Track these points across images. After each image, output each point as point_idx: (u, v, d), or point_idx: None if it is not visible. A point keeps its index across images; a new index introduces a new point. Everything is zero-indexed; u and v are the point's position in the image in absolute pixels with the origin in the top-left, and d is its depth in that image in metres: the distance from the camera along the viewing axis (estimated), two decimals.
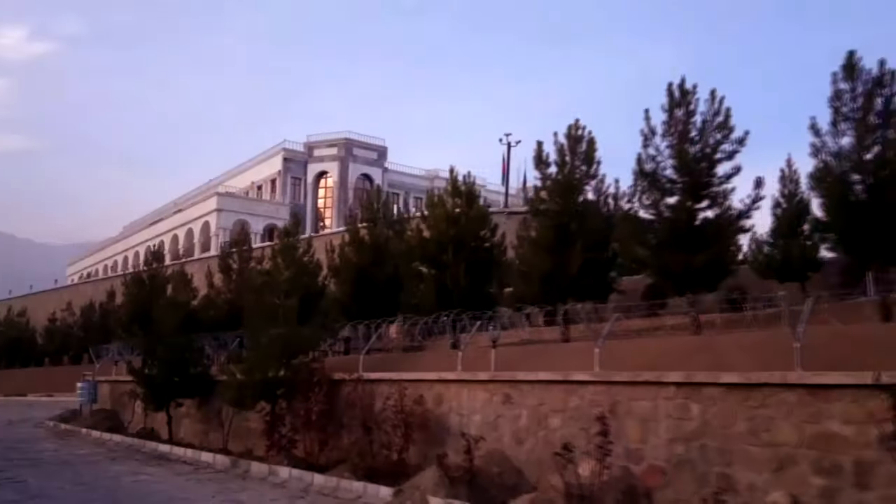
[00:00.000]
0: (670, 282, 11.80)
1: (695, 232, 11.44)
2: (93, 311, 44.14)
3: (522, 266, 13.64)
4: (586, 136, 13.23)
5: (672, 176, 11.78)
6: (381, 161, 71.85)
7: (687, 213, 11.43)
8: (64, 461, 13.99)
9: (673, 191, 11.79)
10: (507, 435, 11.02)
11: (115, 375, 21.47)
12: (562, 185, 12.92)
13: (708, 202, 11.67)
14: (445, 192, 15.52)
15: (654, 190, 11.77)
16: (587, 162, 13.11)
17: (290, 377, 13.84)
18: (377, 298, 16.56)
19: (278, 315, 14.16)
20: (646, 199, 11.82)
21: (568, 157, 13.19)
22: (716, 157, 11.59)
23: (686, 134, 11.96)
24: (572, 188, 12.93)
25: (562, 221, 12.83)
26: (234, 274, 20.92)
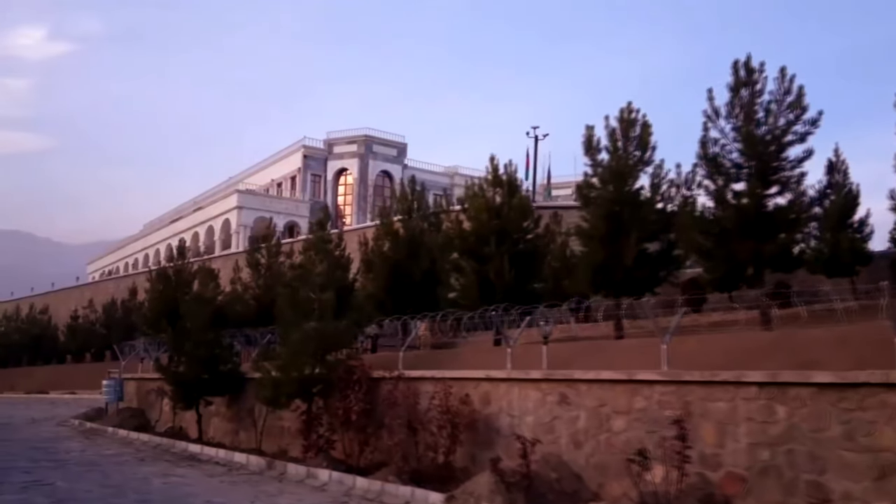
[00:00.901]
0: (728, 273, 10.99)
1: (764, 219, 10.63)
2: (115, 309, 43.91)
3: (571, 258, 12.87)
4: (640, 119, 12.44)
5: (738, 160, 10.96)
6: (400, 158, 71.28)
7: (755, 199, 10.62)
8: (91, 462, 13.43)
9: (739, 176, 10.98)
10: (564, 437, 10.28)
11: (140, 373, 20.97)
12: (614, 171, 12.14)
13: (777, 188, 10.84)
14: (486, 182, 14.80)
15: (718, 175, 10.96)
16: (641, 147, 12.32)
17: (326, 375, 13.21)
18: (413, 293, 15.88)
19: (313, 310, 13.52)
20: (709, 184, 11.02)
21: (620, 141, 12.40)
22: (786, 139, 10.76)
23: (751, 115, 11.13)
24: (626, 175, 12.15)
25: (615, 210, 12.06)
26: (262, 269, 20.30)
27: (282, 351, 13.64)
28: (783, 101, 10.81)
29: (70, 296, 62.53)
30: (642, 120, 12.45)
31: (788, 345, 9.59)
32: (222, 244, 62.12)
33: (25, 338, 50.86)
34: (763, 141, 10.73)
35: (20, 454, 14.11)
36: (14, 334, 52.51)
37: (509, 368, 11.45)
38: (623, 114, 12.59)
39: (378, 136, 70.04)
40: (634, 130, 12.46)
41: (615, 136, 12.54)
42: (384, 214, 16.69)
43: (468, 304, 13.85)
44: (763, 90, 11.09)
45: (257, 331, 17.95)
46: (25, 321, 52.98)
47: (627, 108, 12.60)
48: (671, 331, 9.63)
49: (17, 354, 51.25)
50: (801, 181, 10.54)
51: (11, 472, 12.01)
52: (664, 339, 9.52)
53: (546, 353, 11.25)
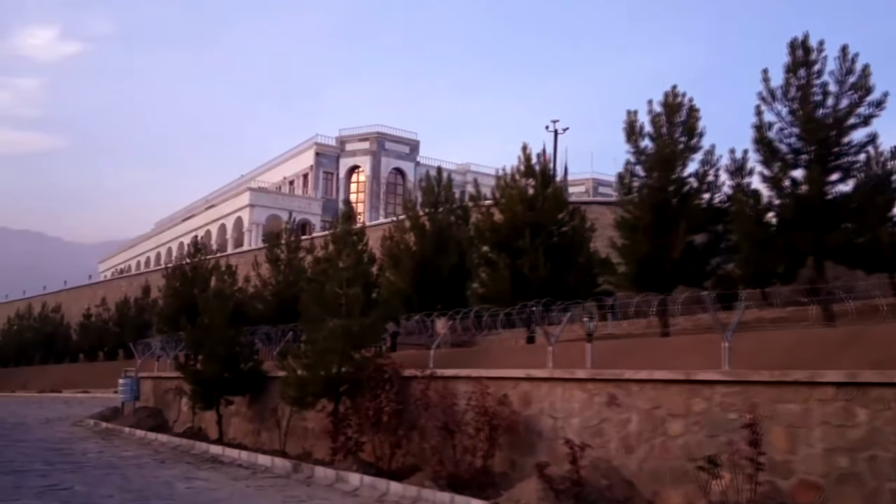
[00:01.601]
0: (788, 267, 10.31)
1: (827, 208, 9.95)
2: (128, 307, 43.48)
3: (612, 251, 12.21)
4: (686, 103, 11.76)
5: (796, 145, 10.28)
6: (413, 155, 70.78)
7: (817, 186, 9.93)
8: (109, 464, 12.88)
9: (797, 162, 10.29)
10: (614, 441, 9.63)
11: (157, 371, 20.44)
12: (660, 158, 11.46)
13: (839, 174, 10.15)
14: (517, 172, 14.15)
15: (774, 161, 10.27)
16: (688, 133, 11.65)
17: (353, 373, 12.61)
18: (440, 289, 15.27)
19: (339, 305, 12.92)
20: (765, 171, 10.33)
21: (665, 127, 11.73)
22: (848, 122, 10.06)
23: (808, 97, 10.44)
24: (672, 162, 11.47)
25: (661, 200, 11.38)
26: (281, 265, 19.73)
27: (307, 349, 13.04)
28: (845, 81, 10.12)
29: (82, 294, 62.29)
30: (688, 104, 11.77)
31: (858, 342, 8.92)
32: (235, 242, 61.74)
33: (38, 336, 50.57)
34: (824, 124, 10.04)
35: (35, 456, 13.58)
36: (27, 333, 52.24)
37: (551, 367, 10.81)
38: (668, 98, 11.92)
39: (390, 133, 69.52)
40: (680, 115, 11.78)
41: (659, 121, 11.86)
42: (409, 207, 16.05)
43: (500, 300, 13.21)
44: (822, 71, 10.38)
45: (277, 328, 17.38)
46: (38, 319, 52.69)
47: (672, 92, 11.92)
48: (733, 327, 8.96)
49: (29, 353, 50.99)
50: (869, 167, 9.81)
51: (27, 475, 11.47)
52: (725, 335, 8.85)
53: (590, 350, 10.61)
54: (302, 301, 13.44)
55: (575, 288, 13.12)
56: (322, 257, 14.27)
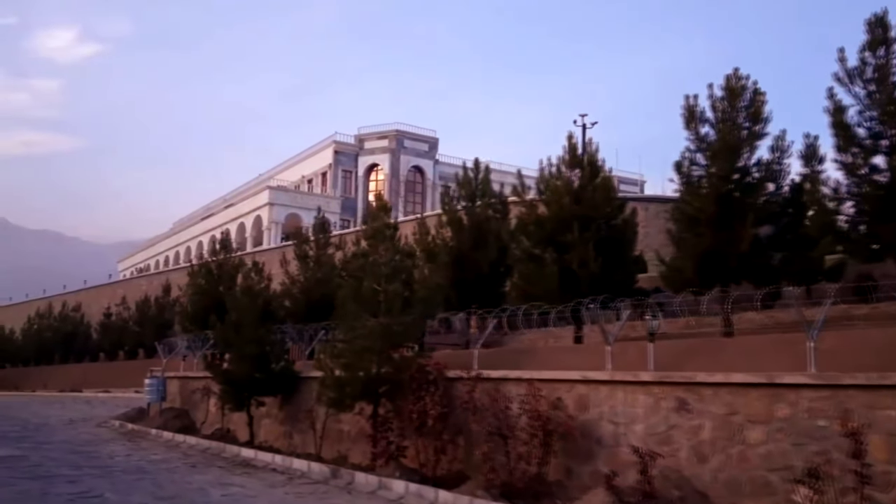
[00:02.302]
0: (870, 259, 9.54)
1: None
2: (148, 306, 43.16)
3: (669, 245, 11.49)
4: (750, 86, 11.01)
5: (876, 129, 9.52)
6: (432, 153, 70.22)
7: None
8: (139, 469, 12.33)
9: (877, 147, 9.53)
10: (684, 450, 8.92)
11: (183, 371, 19.92)
12: (724, 146, 10.73)
13: None
14: (563, 163, 13.45)
15: (851, 147, 9.52)
16: (753, 118, 10.91)
17: (393, 374, 11.98)
18: (479, 286, 14.61)
19: (378, 303, 12.29)
20: (842, 158, 9.58)
21: (728, 113, 10.98)
22: None
23: (887, 78, 9.68)
24: (737, 149, 10.74)
25: (724, 190, 10.65)
26: (310, 261, 19.15)
27: (344, 348, 12.42)
28: None
29: (102, 293, 62.21)
30: (753, 87, 11.02)
31: None
32: (254, 241, 61.41)
33: (58, 335, 50.44)
34: None
35: (62, 460, 13.07)
36: (47, 332, 52.15)
37: (610, 369, 10.12)
38: (730, 81, 11.17)
39: (409, 131, 69.00)
40: (743, 99, 11.03)
41: (721, 106, 11.11)
42: (446, 201, 15.39)
43: (546, 298, 12.52)
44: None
45: (308, 326, 16.81)
46: (58, 319, 52.59)
47: (734, 75, 11.17)
48: (819, 325, 8.23)
49: (49, 352, 50.87)
50: None
51: (55, 481, 10.94)
52: (811, 334, 8.13)
53: (652, 351, 9.91)
54: (337, 298, 12.81)
55: (625, 284, 12.42)
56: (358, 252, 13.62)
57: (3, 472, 11.60)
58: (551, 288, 12.47)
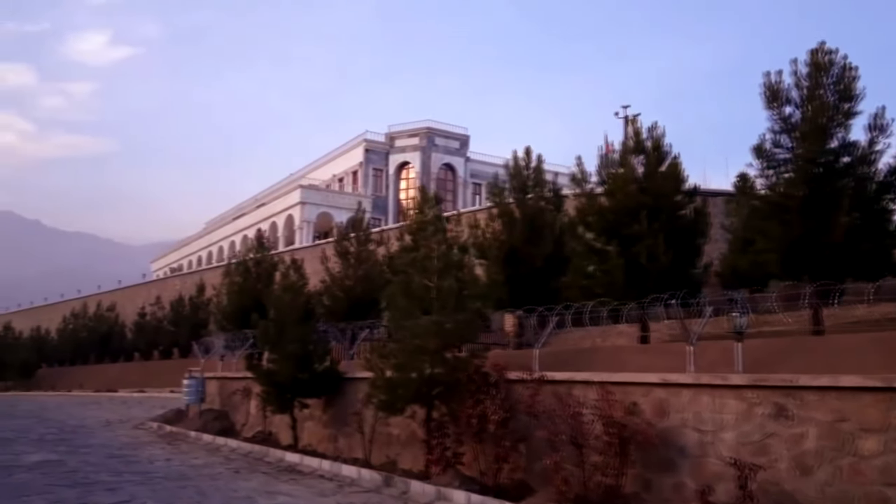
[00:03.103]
0: None
1: None
2: (182, 305, 42.98)
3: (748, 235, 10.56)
4: (838, 62, 10.02)
5: None
6: (463, 150, 69.47)
7: None
8: (181, 475, 11.70)
9: None
10: (784, 461, 7.99)
11: (221, 371, 19.36)
12: (813, 126, 9.77)
13: None
14: (626, 149, 12.55)
15: None
16: (843, 95, 9.93)
17: (447, 375, 11.20)
18: (533, 281, 13.76)
19: (431, 299, 11.52)
20: None
21: (814, 90, 10.01)
22: None
23: None
24: (825, 129, 9.77)
25: (815, 173, 9.69)
26: (351, 258, 18.47)
27: (395, 347, 11.67)
28: None
29: (137, 293, 62.46)
30: (842, 62, 10.03)
31: None
32: (286, 240, 61.16)
33: (93, 335, 50.63)
34: None
35: (100, 465, 12.51)
36: (82, 332, 52.41)
37: (693, 371, 9.23)
38: (815, 56, 10.18)
39: (440, 128, 68.29)
40: (831, 75, 10.05)
41: (807, 83, 10.13)
42: (496, 193, 14.57)
43: (612, 293, 11.65)
44: None
45: (349, 325, 16.14)
46: (93, 319, 52.81)
47: (821, 49, 10.18)
48: None
49: (85, 352, 51.09)
50: None
51: (94, 488, 10.34)
52: None
53: (741, 351, 9.00)
54: (385, 295, 12.07)
55: (699, 279, 11.51)
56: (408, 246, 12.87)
57: (40, 478, 11.06)
58: (616, 283, 11.59)
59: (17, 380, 51.14)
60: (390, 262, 17.23)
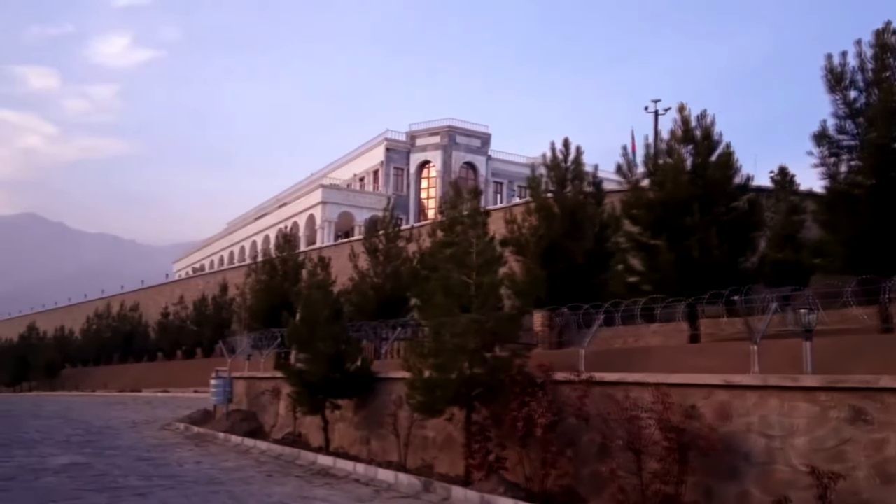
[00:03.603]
0: None
1: None
2: (205, 305, 42.86)
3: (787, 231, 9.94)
4: None
5: None
6: (484, 148, 68.96)
7: None
8: (211, 479, 11.29)
9: None
10: (863, 469, 7.39)
11: (247, 371, 18.99)
12: (883, 109, 9.14)
13: None
14: (674, 139, 11.95)
15: None
16: None
17: (487, 376, 10.69)
18: (573, 278, 13.21)
19: (470, 297, 11.03)
20: None
21: (882, 72, 9.38)
22: None
23: None
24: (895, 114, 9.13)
25: (883, 161, 9.06)
26: (380, 255, 18.02)
27: (433, 346, 11.17)
28: None
29: (160, 293, 62.60)
30: None
31: None
32: (307, 240, 60.99)
33: (117, 335, 50.75)
34: None
35: (128, 468, 12.15)
36: (106, 332, 52.56)
37: (757, 371, 8.64)
38: (881, 37, 9.54)
39: (461, 127, 67.81)
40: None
41: (873, 65, 9.50)
42: (533, 186, 14.03)
43: (661, 289, 11.07)
44: None
45: (381, 323, 15.69)
46: (116, 319, 52.94)
47: (886, 29, 9.54)
48: None
49: (108, 352, 51.22)
50: None
51: (123, 493, 9.96)
52: None
53: (810, 350, 8.40)
54: (425, 291, 11.59)
55: (753, 274, 10.91)
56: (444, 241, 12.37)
57: (67, 482, 10.70)
58: (667, 279, 11.01)
59: (42, 380, 51.38)
60: (422, 258, 16.75)
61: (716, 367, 9.50)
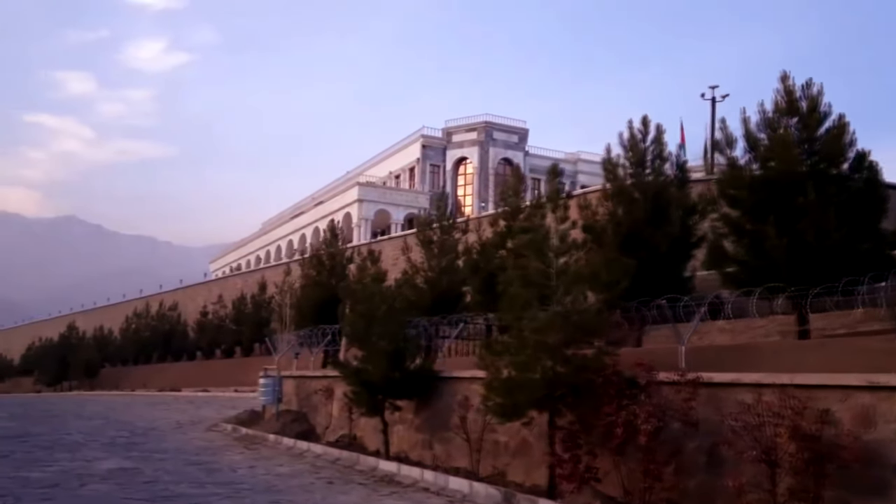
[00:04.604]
0: None
1: None
2: (244, 304, 42.35)
3: None
4: None
5: None
6: (521, 144, 67.81)
7: None
8: (269, 487, 10.36)
9: None
10: None
11: (296, 369, 18.10)
12: None
13: None
14: (776, 111, 10.70)
15: None
16: None
17: (572, 376, 9.57)
18: (657, 267, 12.02)
19: (551, 287, 9.92)
20: None
21: None
22: None
23: None
24: None
25: None
26: (435, 248, 16.99)
27: (511, 343, 10.09)
28: None
29: (198, 292, 62.52)
30: None
31: None
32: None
33: (156, 335, 50.61)
34: None
35: (179, 473, 11.28)
36: (145, 331, 52.49)
37: None
38: None
39: (498, 122, 66.77)
40: None
41: None
42: (609, 168, 12.87)
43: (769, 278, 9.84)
44: None
45: (443, 319, 14.69)
46: (155, 318, 52.83)
47: None
48: None
49: (147, 351, 51.11)
50: None
51: (177, 503, 9.03)
52: None
53: None
54: (504, 281, 10.53)
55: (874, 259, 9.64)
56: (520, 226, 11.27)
57: (116, 490, 9.85)
58: (776, 267, 9.77)
59: (82, 379, 51.49)
60: (482, 249, 15.68)
61: (839, 367, 8.30)
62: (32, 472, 10.96)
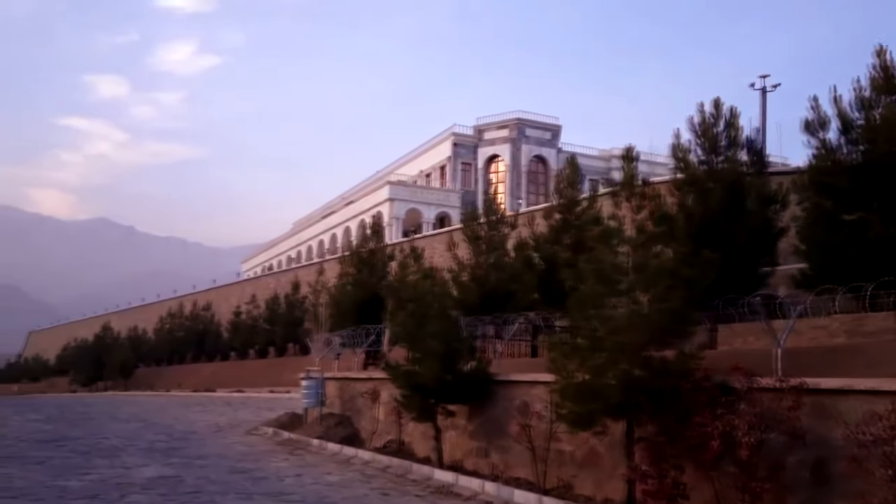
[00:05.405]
0: None
1: None
2: (278, 303, 41.94)
3: None
4: None
5: None
6: (554, 141, 66.64)
7: None
8: (320, 497, 9.62)
9: None
10: None
11: (337, 371, 17.39)
12: None
13: None
14: (874, 87, 9.69)
15: None
16: None
17: (653, 381, 8.67)
18: (732, 262, 11.05)
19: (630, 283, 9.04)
20: None
21: None
22: None
23: None
24: None
25: None
26: (482, 244, 16.16)
27: (585, 345, 9.21)
28: None
29: (231, 292, 62.45)
30: None
31: None
32: None
33: (190, 335, 50.52)
34: None
35: (224, 482, 10.59)
36: (178, 331, 52.45)
37: None
38: None
39: (530, 119, 65.71)
40: None
41: None
42: (679, 156, 11.92)
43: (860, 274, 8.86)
44: None
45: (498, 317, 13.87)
46: (189, 318, 52.76)
47: None
48: None
49: (181, 351, 51.04)
50: None
51: None
52: None
53: None
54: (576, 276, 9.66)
55: None
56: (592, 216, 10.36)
57: (159, 501, 9.17)
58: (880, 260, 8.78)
59: (116, 379, 51.57)
60: (537, 245, 14.81)
61: None
62: (70, 481, 10.35)
